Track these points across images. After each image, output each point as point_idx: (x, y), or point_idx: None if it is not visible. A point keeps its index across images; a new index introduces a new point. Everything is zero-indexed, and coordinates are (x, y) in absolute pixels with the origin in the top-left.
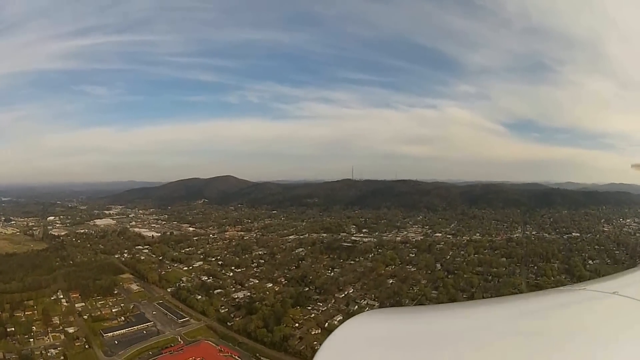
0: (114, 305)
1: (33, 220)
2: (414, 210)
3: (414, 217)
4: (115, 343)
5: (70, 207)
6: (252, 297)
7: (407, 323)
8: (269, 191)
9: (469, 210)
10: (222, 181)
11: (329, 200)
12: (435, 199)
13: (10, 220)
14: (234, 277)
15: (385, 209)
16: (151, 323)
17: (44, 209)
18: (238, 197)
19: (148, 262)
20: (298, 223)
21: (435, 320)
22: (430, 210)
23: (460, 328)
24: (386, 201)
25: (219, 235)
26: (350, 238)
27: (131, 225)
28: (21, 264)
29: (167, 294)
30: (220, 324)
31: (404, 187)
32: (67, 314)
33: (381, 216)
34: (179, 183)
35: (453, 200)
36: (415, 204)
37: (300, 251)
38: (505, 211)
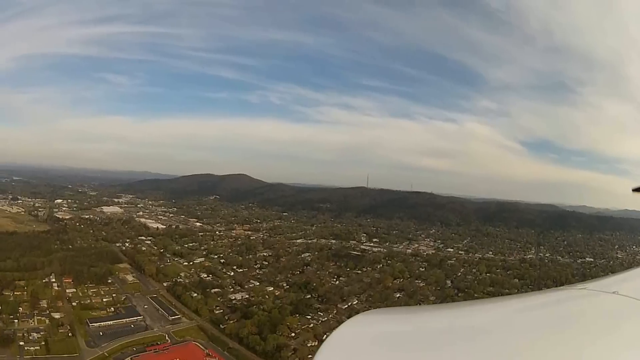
0: (106, 295)
1: (40, 201)
2: (427, 223)
3: (427, 230)
4: (100, 334)
5: (80, 192)
6: (250, 300)
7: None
8: (281, 193)
9: (483, 227)
10: (235, 179)
11: (342, 206)
12: (450, 214)
13: (18, 199)
14: (234, 277)
15: (398, 219)
16: (141, 317)
17: (54, 192)
18: (250, 196)
19: (148, 254)
20: (308, 227)
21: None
22: (444, 225)
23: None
24: (399, 212)
25: (226, 232)
26: (359, 246)
27: (138, 215)
28: (19, 244)
29: (163, 289)
30: (212, 325)
31: (419, 199)
32: (56, 298)
33: (393, 226)
34: (192, 177)
35: (467, 216)
36: (429, 216)
37: (307, 256)
38: (519, 231)
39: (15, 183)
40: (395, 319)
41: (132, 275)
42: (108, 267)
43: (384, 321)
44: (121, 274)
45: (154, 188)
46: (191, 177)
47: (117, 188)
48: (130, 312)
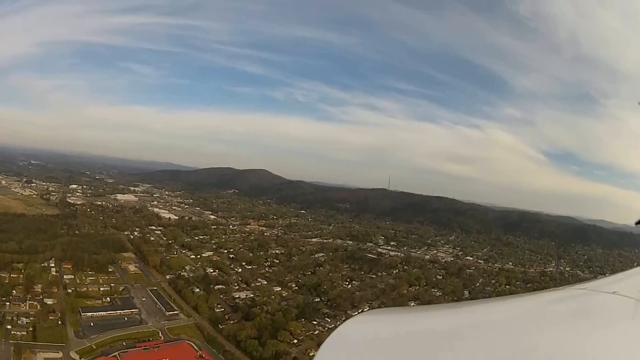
0: (104, 284)
1: (55, 185)
2: (447, 229)
3: (446, 237)
4: (91, 325)
5: (97, 178)
6: (254, 300)
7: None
8: (301, 190)
9: (504, 236)
10: (255, 174)
11: (361, 207)
12: (470, 220)
13: (32, 182)
14: (241, 274)
15: (418, 223)
16: (136, 310)
17: (70, 177)
18: (269, 192)
19: (155, 244)
20: (325, 226)
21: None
22: (464, 231)
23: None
24: (419, 216)
25: (239, 227)
26: (376, 249)
27: (152, 205)
28: (25, 226)
29: (165, 281)
30: (210, 324)
31: (440, 204)
32: (51, 284)
33: (412, 231)
34: (211, 170)
35: (488, 224)
36: (449, 222)
37: (320, 256)
38: (540, 242)
39: (33, 167)
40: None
41: (135, 265)
42: (111, 256)
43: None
44: (124, 263)
45: (173, 179)
46: (211, 169)
47: (136, 177)
48: (127, 304)
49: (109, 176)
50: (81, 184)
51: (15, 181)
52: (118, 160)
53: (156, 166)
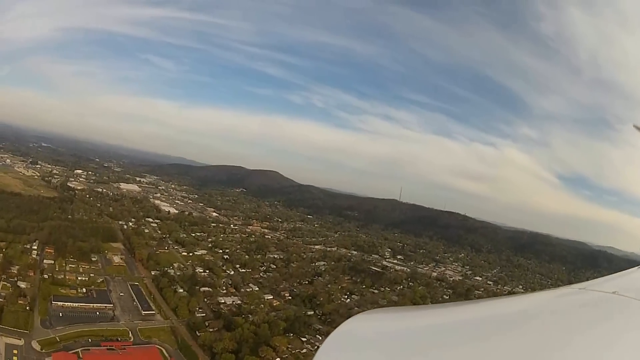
0: (83, 273)
1: (60, 169)
2: (457, 246)
3: (456, 254)
4: (60, 315)
5: (105, 166)
6: (240, 307)
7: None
8: (310, 195)
9: (514, 257)
10: (265, 175)
11: (370, 216)
12: (481, 239)
13: (37, 164)
14: (232, 277)
15: (427, 238)
16: (111, 305)
17: (77, 162)
18: (277, 194)
19: (147, 237)
20: (330, 233)
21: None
22: (474, 250)
23: (460, 327)
24: (429, 230)
25: (241, 227)
26: (381, 262)
27: (154, 197)
28: (18, 206)
29: (149, 277)
30: (188, 329)
31: (451, 220)
32: (29, 267)
33: (421, 245)
34: (222, 168)
35: (499, 244)
36: (459, 239)
37: (321, 265)
38: (550, 266)
39: (42, 149)
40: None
41: (120, 257)
42: (98, 244)
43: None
44: (110, 253)
45: (182, 173)
46: (221, 167)
47: (145, 168)
48: (102, 298)
49: (118, 165)
50: (87, 169)
51: (20, 161)
52: (131, 151)
53: (168, 160)
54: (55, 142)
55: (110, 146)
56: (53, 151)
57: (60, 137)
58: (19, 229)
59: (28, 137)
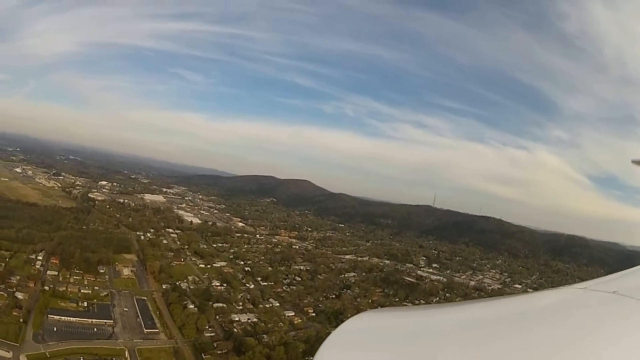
0: (87, 286)
1: (84, 180)
2: (494, 252)
3: (493, 260)
4: (54, 330)
5: (132, 178)
6: (255, 326)
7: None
8: (342, 203)
9: (552, 262)
10: (296, 184)
11: (403, 223)
12: (518, 244)
13: (60, 175)
14: (251, 292)
15: (463, 244)
16: (111, 321)
17: (103, 174)
18: (308, 203)
19: (164, 248)
20: (362, 242)
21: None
22: (512, 255)
23: (460, 327)
24: (465, 236)
25: (267, 237)
26: (416, 272)
27: (179, 207)
28: (32, 216)
29: (159, 291)
30: (192, 351)
31: (487, 225)
32: (30, 277)
33: (457, 252)
34: (252, 178)
35: (536, 248)
36: (495, 244)
37: (351, 276)
38: (589, 269)
39: (69, 162)
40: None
41: (131, 269)
42: (109, 256)
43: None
44: (121, 265)
45: (211, 184)
46: (252, 177)
47: (173, 179)
48: (103, 312)
49: (147, 177)
50: (112, 181)
51: (42, 172)
52: (162, 163)
53: (199, 172)
54: (83, 155)
55: (140, 159)
56: (80, 164)
57: (89, 150)
58: (28, 238)
59: (56, 150)
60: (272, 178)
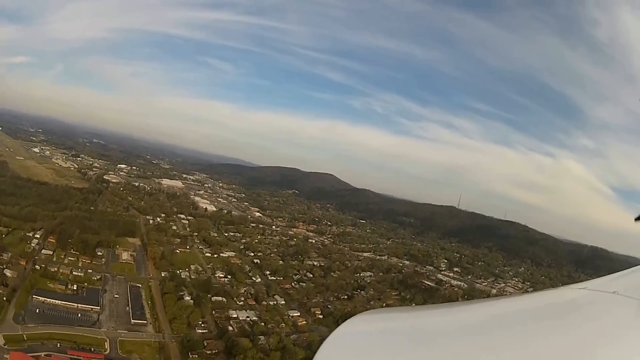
0: (81, 268)
1: (102, 163)
2: (517, 259)
3: (516, 267)
4: (37, 311)
5: (153, 163)
6: (254, 326)
7: (407, 323)
8: (365, 198)
9: (576, 273)
10: (320, 178)
11: (426, 224)
12: (542, 252)
13: (79, 157)
14: (255, 286)
15: (486, 249)
16: (98, 308)
17: (124, 158)
18: (331, 197)
19: (172, 234)
20: (382, 240)
21: (435, 319)
22: (534, 264)
23: (460, 327)
24: (488, 240)
25: (284, 229)
26: (436, 275)
27: (196, 194)
28: (40, 194)
29: (156, 279)
30: (179, 348)
31: (511, 230)
32: (22, 256)
33: (479, 256)
34: (275, 169)
35: (559, 258)
36: (519, 251)
37: (367, 276)
38: None
39: (91, 144)
40: (395, 319)
41: (131, 254)
42: (112, 239)
43: (384, 321)
44: (122, 248)
45: (234, 173)
46: (275, 168)
47: (196, 167)
48: (91, 298)
49: (170, 163)
50: (133, 165)
51: (61, 153)
52: (187, 151)
53: (225, 161)
54: (108, 139)
55: (165, 145)
56: (102, 147)
57: (114, 135)
58: (30, 216)
59: (80, 133)
60: (296, 170)
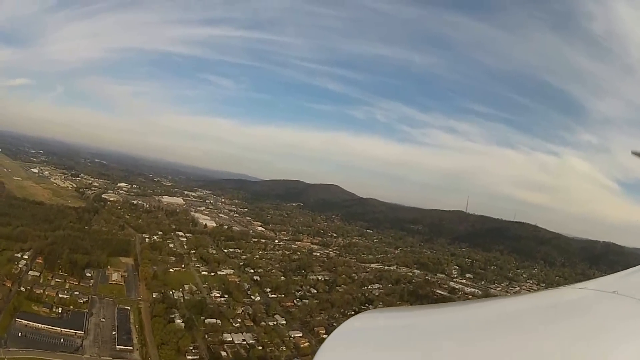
0: (67, 291)
1: (102, 182)
2: (530, 260)
3: (529, 269)
4: (19, 335)
5: (154, 180)
6: (250, 350)
7: (407, 322)
8: (371, 208)
9: (589, 270)
10: (324, 189)
11: (435, 230)
12: (554, 251)
13: (78, 176)
14: (254, 305)
15: (498, 252)
16: (82, 333)
17: (124, 177)
18: (336, 208)
19: (167, 252)
20: (390, 250)
21: (435, 319)
22: (548, 264)
23: (460, 327)
24: (499, 243)
25: (287, 243)
26: (448, 283)
27: (197, 210)
28: (34, 214)
29: (148, 300)
30: None
31: (521, 231)
32: (8, 277)
33: (491, 260)
34: (279, 182)
35: (572, 256)
36: (531, 252)
37: (375, 289)
38: None
39: (92, 164)
40: (395, 318)
41: (122, 274)
42: (103, 259)
43: (384, 321)
44: (113, 269)
45: (237, 188)
46: (279, 181)
47: (199, 183)
48: (76, 322)
49: (172, 180)
50: (132, 183)
51: (60, 173)
52: (190, 168)
53: (227, 176)
54: (110, 159)
55: (168, 163)
56: (103, 166)
57: (116, 154)
58: (21, 236)
59: (82, 154)
60: (300, 182)
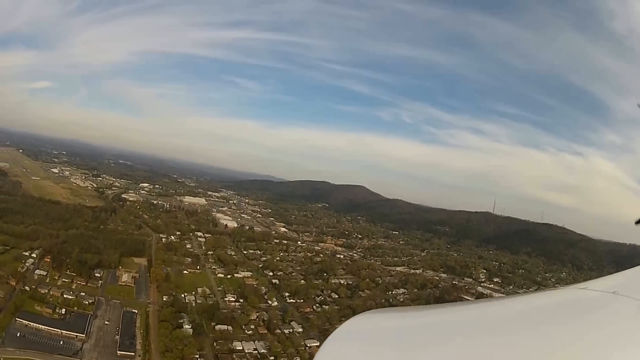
0: (74, 291)
1: (124, 182)
2: (558, 263)
3: (557, 273)
4: (17, 335)
5: (178, 181)
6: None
7: (407, 322)
8: (397, 209)
9: None
10: (350, 190)
11: (462, 231)
12: (582, 254)
13: (100, 177)
14: (270, 311)
15: (525, 255)
16: (83, 336)
17: (148, 177)
18: (362, 209)
19: (183, 253)
20: (417, 252)
21: (435, 319)
22: (575, 267)
23: (460, 327)
24: (527, 246)
25: (310, 244)
26: (475, 287)
27: (219, 210)
28: (48, 213)
29: (157, 304)
30: None
31: (549, 233)
32: (14, 275)
33: (519, 264)
34: (305, 183)
35: (600, 260)
36: (559, 254)
37: (400, 294)
38: None
39: (115, 165)
40: (395, 318)
41: (132, 275)
42: (116, 259)
43: (384, 321)
44: (124, 269)
45: (263, 189)
46: (304, 182)
47: (222, 184)
48: (78, 324)
49: (194, 181)
50: (155, 183)
51: (81, 173)
52: (216, 169)
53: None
54: (135, 160)
55: (194, 165)
56: (127, 167)
57: (142, 156)
58: (33, 235)
59: (106, 155)
60: (326, 183)
